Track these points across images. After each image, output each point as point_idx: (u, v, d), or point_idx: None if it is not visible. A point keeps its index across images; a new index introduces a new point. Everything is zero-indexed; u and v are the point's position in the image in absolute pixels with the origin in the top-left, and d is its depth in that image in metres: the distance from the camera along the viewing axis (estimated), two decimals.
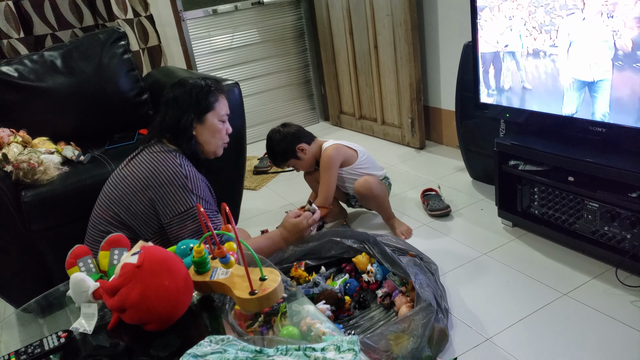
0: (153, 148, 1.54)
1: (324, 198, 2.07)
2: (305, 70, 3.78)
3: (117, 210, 1.50)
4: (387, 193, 2.15)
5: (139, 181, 1.49)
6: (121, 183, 1.52)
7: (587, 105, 1.63)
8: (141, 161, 1.52)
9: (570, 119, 1.70)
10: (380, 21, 2.94)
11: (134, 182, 1.50)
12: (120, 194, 1.51)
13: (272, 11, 3.51)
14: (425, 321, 1.37)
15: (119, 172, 1.56)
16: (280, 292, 0.93)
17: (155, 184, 1.47)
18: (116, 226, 1.51)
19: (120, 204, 1.50)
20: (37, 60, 2.13)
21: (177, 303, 0.91)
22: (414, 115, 2.94)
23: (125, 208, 1.49)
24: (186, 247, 1.08)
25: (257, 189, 2.83)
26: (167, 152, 1.52)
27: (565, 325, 1.49)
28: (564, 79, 1.68)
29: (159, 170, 1.48)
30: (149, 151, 1.54)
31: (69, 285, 0.96)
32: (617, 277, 1.62)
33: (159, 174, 1.48)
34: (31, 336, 1.04)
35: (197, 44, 3.31)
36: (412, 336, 1.34)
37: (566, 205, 1.79)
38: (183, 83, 1.63)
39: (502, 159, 1.94)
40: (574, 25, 1.59)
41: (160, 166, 1.49)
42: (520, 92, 1.85)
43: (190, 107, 1.58)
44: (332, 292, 1.62)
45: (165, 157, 1.50)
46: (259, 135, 3.67)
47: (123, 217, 1.50)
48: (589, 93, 1.61)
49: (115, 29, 2.32)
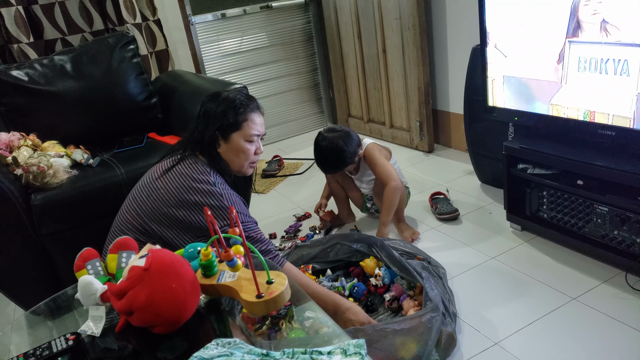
0: (186, 161, 1.48)
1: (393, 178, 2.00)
2: (314, 73, 3.78)
3: (147, 221, 1.45)
4: (406, 200, 2.17)
5: (172, 197, 1.43)
6: (154, 194, 1.46)
7: None
8: (175, 176, 1.46)
9: (579, 122, 1.69)
10: (388, 25, 2.94)
11: (167, 197, 1.44)
12: (152, 207, 1.45)
13: (281, 15, 3.52)
14: (431, 324, 1.37)
15: (152, 182, 1.48)
16: (287, 295, 0.93)
17: (191, 202, 1.42)
18: (146, 235, 1.45)
19: (152, 216, 1.45)
20: (47, 65, 2.15)
21: (185, 306, 0.91)
22: (423, 119, 2.94)
23: (158, 221, 1.44)
24: (194, 250, 1.08)
25: (266, 192, 2.84)
26: (199, 168, 1.46)
27: (574, 330, 1.47)
28: None
29: (193, 188, 1.43)
30: (183, 165, 1.47)
31: (77, 288, 0.96)
32: (627, 282, 1.61)
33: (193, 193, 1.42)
34: (40, 338, 1.05)
35: (206, 48, 3.32)
36: (420, 340, 1.34)
37: (575, 209, 1.77)
38: (215, 97, 1.56)
39: (511, 163, 1.93)
40: None
41: (193, 181, 1.43)
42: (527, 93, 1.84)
43: (216, 123, 1.51)
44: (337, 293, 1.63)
45: (198, 173, 1.45)
46: (268, 138, 3.68)
47: (153, 228, 1.45)
48: None
49: (125, 33, 2.34)
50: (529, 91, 1.83)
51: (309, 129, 3.85)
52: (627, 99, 1.52)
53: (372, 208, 2.28)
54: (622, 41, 1.48)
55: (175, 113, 2.26)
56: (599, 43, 1.54)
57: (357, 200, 2.32)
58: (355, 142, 2.05)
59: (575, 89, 1.66)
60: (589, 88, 1.61)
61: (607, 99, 1.58)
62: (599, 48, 1.55)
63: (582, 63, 1.61)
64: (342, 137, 2.01)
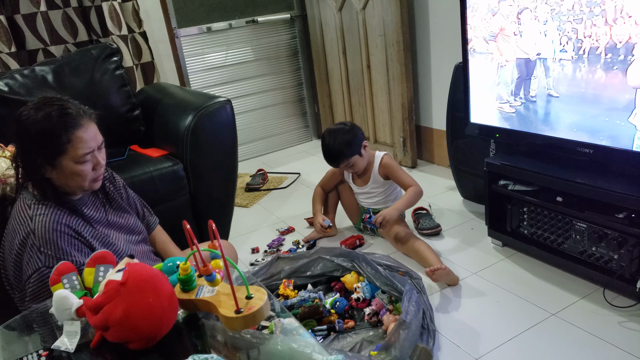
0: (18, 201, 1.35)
1: (417, 183, 2.12)
2: (299, 88, 3.80)
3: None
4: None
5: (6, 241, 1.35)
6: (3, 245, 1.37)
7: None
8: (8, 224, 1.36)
9: (558, 140, 1.72)
10: (373, 41, 2.97)
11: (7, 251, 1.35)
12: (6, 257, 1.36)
13: (266, 30, 3.54)
14: (404, 337, 1.36)
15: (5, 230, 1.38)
16: (266, 311, 0.92)
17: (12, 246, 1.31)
18: None
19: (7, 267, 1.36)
20: (27, 75, 2.13)
21: (162, 321, 0.90)
22: (406, 135, 2.96)
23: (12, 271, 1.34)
24: (172, 264, 1.07)
25: (249, 206, 2.82)
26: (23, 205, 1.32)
27: (554, 346, 1.48)
28: None
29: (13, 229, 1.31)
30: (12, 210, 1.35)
31: (52, 302, 0.95)
32: (604, 298, 1.62)
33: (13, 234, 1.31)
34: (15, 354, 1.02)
35: (191, 61, 3.32)
36: (390, 352, 1.33)
37: (555, 226, 1.79)
38: (20, 121, 1.27)
39: (492, 179, 1.95)
40: None
41: (14, 225, 1.31)
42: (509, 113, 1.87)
43: (33, 154, 1.29)
44: (314, 307, 1.63)
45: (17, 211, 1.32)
46: (252, 152, 3.68)
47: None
48: None
49: (108, 45, 2.33)
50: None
51: (293, 143, 3.85)
52: None
53: (368, 223, 2.28)
54: None
55: (158, 126, 2.25)
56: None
57: (352, 213, 2.33)
58: (361, 132, 2.15)
59: None
60: None
61: None
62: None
63: None
64: (347, 126, 2.13)
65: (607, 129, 1.56)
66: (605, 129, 1.57)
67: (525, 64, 1.76)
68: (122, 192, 1.58)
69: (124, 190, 1.59)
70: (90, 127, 1.32)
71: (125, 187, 1.61)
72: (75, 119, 1.29)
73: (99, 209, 1.47)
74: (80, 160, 1.29)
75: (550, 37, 1.64)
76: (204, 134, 2.01)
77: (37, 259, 1.27)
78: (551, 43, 1.64)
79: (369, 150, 2.18)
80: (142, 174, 1.94)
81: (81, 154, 1.29)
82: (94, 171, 1.35)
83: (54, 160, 1.28)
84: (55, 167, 1.29)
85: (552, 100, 1.70)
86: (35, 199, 1.32)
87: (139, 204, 1.65)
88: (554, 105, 1.70)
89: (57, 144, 1.26)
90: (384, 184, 2.20)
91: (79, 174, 1.31)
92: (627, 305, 1.59)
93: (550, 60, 1.67)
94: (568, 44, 1.59)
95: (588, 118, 1.60)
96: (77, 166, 1.30)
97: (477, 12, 1.85)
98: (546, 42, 1.66)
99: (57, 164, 1.28)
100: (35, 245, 1.26)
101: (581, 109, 1.62)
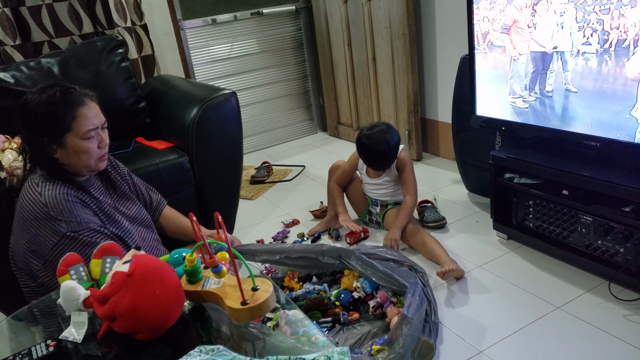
0: (26, 183, 1.38)
1: (416, 193, 2.16)
2: (304, 80, 3.79)
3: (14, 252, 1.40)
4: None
5: (17, 228, 1.37)
6: (14, 224, 1.39)
7: None
8: (18, 200, 1.38)
9: (564, 133, 1.71)
10: (378, 33, 2.96)
11: (15, 229, 1.38)
12: (12, 241, 1.40)
13: (272, 22, 3.53)
14: (406, 333, 1.36)
15: None
16: (272, 302, 0.92)
17: (25, 228, 1.33)
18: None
19: (15, 251, 1.39)
20: (34, 67, 2.14)
21: (168, 312, 0.90)
22: (411, 127, 2.95)
23: (19, 253, 1.38)
24: (179, 256, 1.07)
25: (254, 198, 2.83)
26: (31, 184, 1.35)
27: (559, 339, 1.48)
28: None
29: (24, 208, 1.33)
30: (22, 189, 1.38)
31: (60, 293, 0.95)
32: (610, 291, 1.62)
33: (24, 213, 1.33)
34: (22, 344, 1.03)
35: (196, 53, 3.32)
36: (394, 348, 1.33)
37: (560, 219, 1.79)
38: (25, 104, 1.33)
39: (498, 172, 1.94)
40: None
41: (24, 203, 1.33)
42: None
43: (40, 132, 1.33)
44: (319, 299, 1.63)
45: (27, 191, 1.35)
46: (257, 144, 3.68)
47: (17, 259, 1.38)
48: None
49: (114, 37, 2.33)
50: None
51: (298, 135, 3.85)
52: None
53: (375, 216, 2.28)
54: None
55: (163, 118, 2.25)
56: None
57: (358, 205, 2.33)
58: (397, 134, 2.13)
59: None
60: None
61: None
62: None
63: None
64: (386, 132, 2.08)
65: (629, 126, 1.52)
66: (625, 126, 1.52)
67: (541, 58, 1.73)
68: (127, 179, 1.60)
69: (129, 177, 1.61)
70: (93, 105, 1.38)
71: (130, 175, 1.63)
72: (78, 97, 1.35)
73: (104, 193, 1.49)
74: (85, 136, 1.34)
75: (568, 29, 1.60)
76: (209, 127, 2.02)
77: (58, 228, 1.30)
78: (569, 35, 1.60)
79: None
80: (148, 166, 1.95)
81: (86, 130, 1.34)
82: (99, 149, 1.39)
83: (60, 138, 1.33)
84: (62, 145, 1.34)
85: (570, 96, 1.67)
86: (43, 178, 1.36)
87: (144, 188, 1.67)
88: (571, 100, 1.67)
89: (62, 122, 1.31)
90: (397, 177, 2.20)
91: (85, 151, 1.36)
92: (632, 299, 1.59)
93: (568, 54, 1.63)
94: (592, 36, 1.53)
95: (609, 115, 1.56)
96: (82, 142, 1.34)
97: (495, 3, 1.82)
98: (564, 35, 1.62)
99: (63, 142, 1.33)
100: (52, 217, 1.30)
101: (601, 104, 1.57)
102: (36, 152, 1.36)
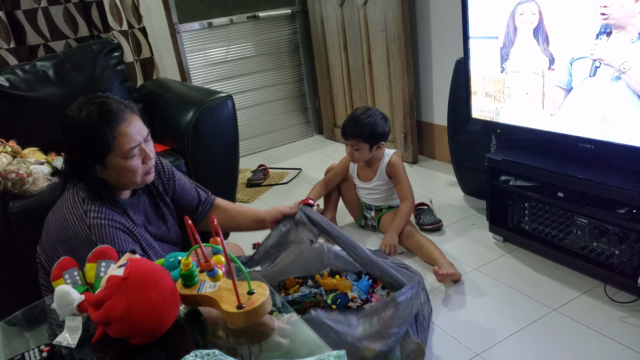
0: (64, 195, 1.35)
1: (413, 198, 2.17)
2: (300, 83, 3.79)
3: (45, 257, 1.37)
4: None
5: (54, 233, 1.33)
6: (45, 228, 1.38)
7: None
8: (55, 210, 1.36)
9: (559, 135, 1.71)
10: (374, 37, 2.96)
11: (52, 233, 1.34)
12: (45, 242, 1.37)
13: (268, 25, 3.53)
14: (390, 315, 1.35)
15: (50, 214, 1.39)
16: (268, 306, 0.92)
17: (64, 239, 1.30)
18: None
19: (46, 252, 1.37)
20: (29, 70, 2.13)
21: (163, 316, 0.90)
22: (407, 130, 2.95)
23: (50, 257, 1.34)
24: (174, 260, 1.07)
25: (250, 201, 2.82)
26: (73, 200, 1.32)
27: (555, 341, 1.48)
28: None
29: (66, 220, 1.30)
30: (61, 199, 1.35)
31: (54, 298, 0.95)
32: (605, 293, 1.62)
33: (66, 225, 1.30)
34: (16, 349, 1.03)
35: (192, 57, 3.31)
36: (382, 340, 1.32)
37: (556, 221, 1.79)
38: (66, 123, 1.29)
39: (493, 174, 1.94)
40: None
41: (67, 215, 1.30)
42: None
43: (81, 154, 1.29)
44: (315, 302, 1.63)
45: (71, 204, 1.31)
46: (253, 148, 3.68)
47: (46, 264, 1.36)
48: None
49: (109, 40, 2.33)
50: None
51: (294, 138, 3.85)
52: None
53: (370, 220, 2.28)
54: None
55: (160, 121, 2.24)
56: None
57: (353, 209, 2.33)
58: (388, 134, 2.14)
59: None
60: None
61: None
62: None
63: None
64: (376, 113, 2.10)
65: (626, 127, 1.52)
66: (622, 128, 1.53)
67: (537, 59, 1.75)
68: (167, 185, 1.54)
69: (172, 182, 1.56)
70: (134, 120, 1.31)
71: (174, 179, 1.57)
72: (117, 114, 1.27)
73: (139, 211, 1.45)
74: (127, 155, 1.29)
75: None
76: (205, 130, 2.01)
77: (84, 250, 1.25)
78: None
79: (381, 150, 2.16)
80: None
81: (127, 149, 1.28)
82: (144, 165, 1.34)
83: (103, 159, 1.28)
84: (106, 165, 1.29)
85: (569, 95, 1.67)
86: (89, 193, 1.32)
87: (192, 186, 1.63)
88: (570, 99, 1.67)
89: (103, 142, 1.25)
90: (388, 182, 2.20)
91: (129, 170, 1.30)
92: (628, 301, 1.59)
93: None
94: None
95: (607, 116, 1.56)
96: (126, 162, 1.29)
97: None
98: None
99: (106, 163, 1.28)
100: (93, 241, 1.26)
101: (601, 107, 1.57)
102: (82, 173, 1.32)
